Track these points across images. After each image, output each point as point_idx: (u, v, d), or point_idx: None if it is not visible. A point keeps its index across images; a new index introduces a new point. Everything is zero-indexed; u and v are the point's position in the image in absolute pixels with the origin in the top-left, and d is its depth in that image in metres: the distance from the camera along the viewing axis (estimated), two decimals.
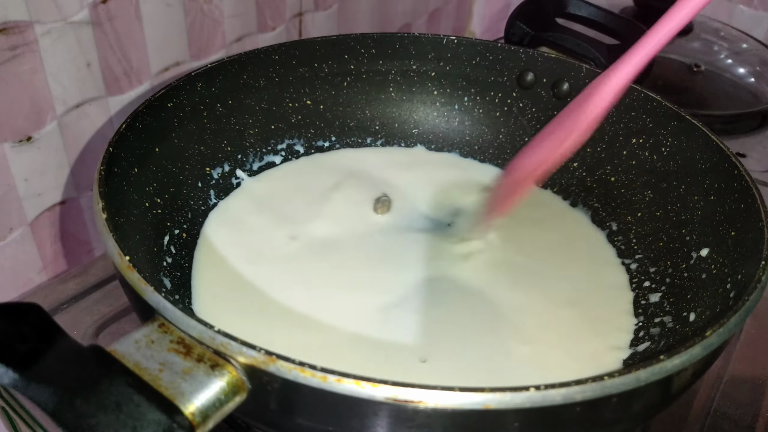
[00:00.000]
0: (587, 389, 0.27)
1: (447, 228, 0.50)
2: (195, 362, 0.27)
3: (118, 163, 0.40)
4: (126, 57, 0.52)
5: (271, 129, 0.54)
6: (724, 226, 0.43)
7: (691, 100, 0.76)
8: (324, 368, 0.26)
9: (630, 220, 0.50)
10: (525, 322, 0.43)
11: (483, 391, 0.26)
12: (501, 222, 0.50)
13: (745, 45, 0.82)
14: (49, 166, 0.51)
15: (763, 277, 0.35)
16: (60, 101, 0.49)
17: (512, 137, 0.57)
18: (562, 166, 0.54)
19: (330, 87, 0.56)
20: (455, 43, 0.56)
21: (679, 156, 0.48)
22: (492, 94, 0.57)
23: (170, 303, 0.29)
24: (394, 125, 0.58)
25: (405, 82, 0.57)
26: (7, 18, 0.44)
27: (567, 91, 0.54)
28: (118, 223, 0.38)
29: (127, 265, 0.31)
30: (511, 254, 0.48)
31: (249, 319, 0.42)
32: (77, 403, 0.24)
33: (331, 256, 0.47)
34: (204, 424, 0.26)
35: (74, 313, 0.48)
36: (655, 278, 0.46)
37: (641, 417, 0.35)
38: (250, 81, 0.52)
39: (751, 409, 0.44)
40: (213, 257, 0.46)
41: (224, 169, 0.51)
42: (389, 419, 0.27)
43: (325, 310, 0.42)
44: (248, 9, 0.61)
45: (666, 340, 0.41)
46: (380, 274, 0.46)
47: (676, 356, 0.29)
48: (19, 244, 0.51)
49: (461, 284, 0.45)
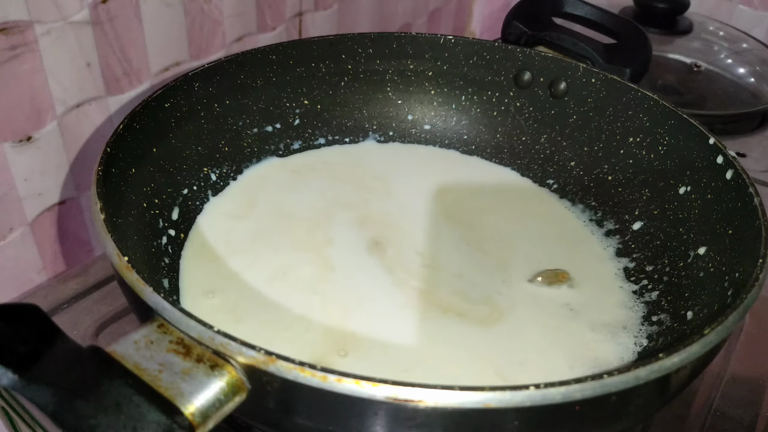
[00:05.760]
0: (587, 388, 0.27)
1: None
2: (194, 362, 0.27)
3: (116, 164, 0.40)
4: (126, 57, 0.52)
5: (268, 129, 0.54)
6: (721, 224, 0.43)
7: (691, 100, 0.76)
8: (324, 368, 0.26)
9: (627, 219, 0.50)
10: (521, 322, 0.43)
11: (483, 390, 0.26)
12: (498, 221, 0.50)
13: (745, 45, 0.82)
14: (49, 166, 0.51)
15: (760, 275, 0.35)
16: (60, 101, 0.49)
17: (509, 136, 0.57)
18: (559, 164, 0.55)
19: (327, 87, 0.56)
20: (452, 43, 0.56)
21: (676, 154, 0.48)
22: (489, 93, 0.57)
23: (169, 303, 0.29)
24: (392, 125, 0.58)
25: (402, 81, 0.58)
26: (7, 18, 0.44)
27: (564, 90, 0.54)
28: (117, 223, 0.38)
29: (126, 266, 0.31)
30: (506, 252, 0.48)
31: (235, 317, 0.42)
32: (77, 404, 0.24)
33: (326, 255, 0.47)
34: (204, 424, 0.26)
35: (74, 313, 0.48)
36: (652, 276, 0.46)
37: (640, 415, 0.35)
38: (248, 81, 0.52)
39: (751, 408, 0.44)
40: (200, 255, 0.46)
41: (222, 169, 0.51)
42: (389, 418, 0.27)
43: (325, 308, 0.43)
44: (248, 9, 0.61)
45: (664, 339, 0.41)
46: (378, 272, 0.46)
47: (674, 354, 0.29)
48: (19, 244, 0.51)
49: (462, 284, 0.45)
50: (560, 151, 0.55)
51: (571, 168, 0.54)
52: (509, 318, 0.43)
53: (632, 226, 0.49)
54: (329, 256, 0.47)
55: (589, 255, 0.49)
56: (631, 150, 0.51)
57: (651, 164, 0.50)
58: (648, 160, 0.50)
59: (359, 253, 0.47)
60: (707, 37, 0.83)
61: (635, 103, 0.51)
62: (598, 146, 0.53)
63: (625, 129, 0.51)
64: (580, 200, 0.53)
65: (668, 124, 0.49)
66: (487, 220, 0.51)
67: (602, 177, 0.53)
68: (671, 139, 0.48)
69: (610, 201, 0.52)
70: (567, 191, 0.54)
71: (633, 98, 0.51)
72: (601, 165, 0.53)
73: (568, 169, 0.54)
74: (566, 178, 0.54)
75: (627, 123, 0.51)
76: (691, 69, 0.79)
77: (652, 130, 0.50)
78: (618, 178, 0.52)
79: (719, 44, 0.82)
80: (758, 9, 0.91)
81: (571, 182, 0.54)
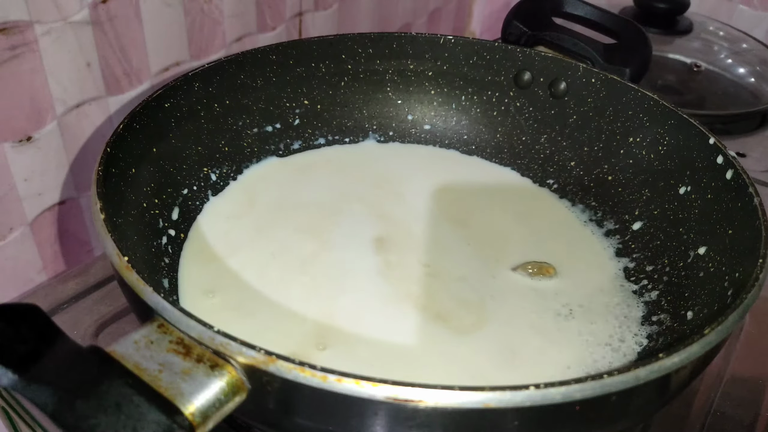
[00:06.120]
0: (586, 388, 0.27)
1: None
2: (194, 362, 0.27)
3: (116, 164, 0.40)
4: (126, 57, 0.52)
5: (268, 129, 0.54)
6: (721, 224, 0.43)
7: (691, 100, 0.76)
8: (324, 368, 0.26)
9: (627, 219, 0.50)
10: (521, 322, 0.43)
11: (483, 390, 0.26)
12: (497, 220, 0.50)
13: (745, 45, 0.82)
14: (49, 166, 0.51)
15: (760, 275, 0.35)
16: (60, 101, 0.49)
17: (509, 136, 0.57)
18: (559, 164, 0.55)
19: (327, 87, 0.56)
20: (452, 43, 0.56)
21: (676, 154, 0.48)
22: (489, 93, 0.57)
23: (169, 303, 0.29)
24: (392, 125, 0.58)
25: (402, 81, 0.58)
26: (7, 18, 0.44)
27: (564, 90, 0.54)
28: (117, 223, 0.38)
29: (126, 266, 0.31)
30: (505, 252, 0.48)
31: (235, 316, 0.42)
32: (77, 404, 0.24)
33: (326, 254, 0.47)
34: (204, 424, 0.26)
35: (74, 313, 0.48)
36: (652, 276, 0.46)
37: (640, 415, 0.35)
38: (248, 81, 0.52)
39: (751, 408, 0.44)
40: (200, 255, 0.46)
41: (222, 169, 0.51)
42: (389, 418, 0.27)
43: (323, 307, 0.43)
44: (248, 9, 0.61)
45: (664, 339, 0.41)
46: (380, 268, 0.46)
47: (674, 354, 0.29)
48: (19, 244, 0.51)
49: (461, 284, 0.45)
50: (560, 151, 0.55)
51: (571, 168, 0.54)
52: (506, 318, 0.43)
53: (632, 226, 0.49)
54: (329, 255, 0.47)
55: (589, 255, 0.49)
56: (631, 150, 0.51)
57: (651, 164, 0.50)
58: (648, 160, 0.50)
59: (358, 252, 0.47)
60: (707, 37, 0.83)
61: (635, 103, 0.51)
62: (598, 146, 0.53)
63: (625, 129, 0.51)
64: (580, 200, 0.53)
65: (668, 124, 0.49)
66: (487, 219, 0.51)
67: (602, 177, 0.53)
68: (671, 139, 0.48)
69: (610, 201, 0.52)
70: (567, 191, 0.54)
71: (633, 98, 0.51)
72: (601, 165, 0.53)
73: (568, 169, 0.54)
74: (566, 178, 0.54)
75: (627, 123, 0.51)
76: (691, 69, 0.79)
77: (652, 130, 0.50)
78: (618, 178, 0.52)
79: (719, 44, 0.83)
80: (758, 9, 0.91)
81: (571, 182, 0.54)
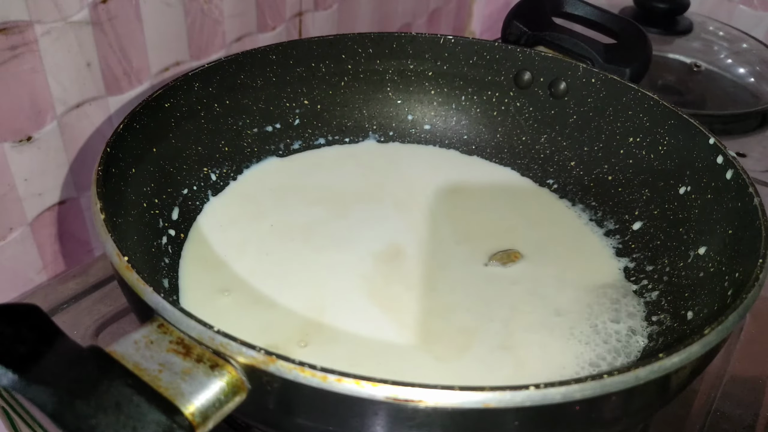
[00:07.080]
0: (586, 388, 0.27)
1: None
2: (194, 362, 0.27)
3: (116, 164, 0.40)
4: (126, 57, 0.52)
5: (268, 129, 0.54)
6: (721, 224, 0.43)
7: (691, 100, 0.76)
8: (324, 368, 0.26)
9: (627, 219, 0.50)
10: (521, 322, 0.43)
11: (483, 390, 0.26)
12: (497, 220, 0.50)
13: (745, 45, 0.82)
14: (49, 166, 0.51)
15: (761, 275, 0.35)
16: (60, 101, 0.49)
17: (509, 136, 0.57)
18: (559, 164, 0.55)
19: (327, 87, 0.56)
20: (452, 43, 0.56)
21: (676, 154, 0.48)
22: (489, 93, 0.57)
23: (169, 303, 0.29)
24: (392, 125, 0.58)
25: (402, 81, 0.58)
26: (7, 18, 0.44)
27: (564, 90, 0.54)
28: (117, 223, 0.38)
29: (126, 266, 0.31)
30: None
31: (236, 316, 0.42)
32: (77, 404, 0.24)
33: (325, 254, 0.47)
34: (204, 424, 0.26)
35: (74, 313, 0.48)
36: (652, 276, 0.46)
37: (640, 415, 0.35)
38: (248, 81, 0.52)
39: (751, 408, 0.44)
40: (200, 255, 0.46)
41: (222, 169, 0.51)
42: (389, 418, 0.27)
43: (322, 306, 0.43)
44: (248, 9, 0.61)
45: (664, 339, 0.41)
46: (377, 269, 0.46)
47: (674, 355, 0.29)
48: (19, 244, 0.51)
49: (460, 285, 0.45)
50: (560, 151, 0.55)
51: (571, 168, 0.54)
52: (504, 318, 0.43)
53: (632, 226, 0.49)
54: (328, 255, 0.47)
55: (589, 255, 0.49)
56: (631, 150, 0.51)
57: (651, 164, 0.50)
58: (648, 160, 0.50)
59: (357, 253, 0.47)
60: (707, 37, 0.83)
61: (635, 103, 0.51)
62: (598, 146, 0.53)
63: (625, 129, 0.51)
64: (580, 200, 0.53)
65: (668, 124, 0.49)
66: (487, 219, 0.51)
67: (602, 177, 0.53)
68: (671, 139, 0.48)
69: (610, 201, 0.52)
70: (567, 191, 0.54)
71: (633, 98, 0.51)
72: (601, 165, 0.53)
73: (568, 169, 0.54)
74: (566, 178, 0.54)
75: (627, 123, 0.51)
76: (691, 69, 0.79)
77: (652, 130, 0.50)
78: (618, 178, 0.52)
79: (719, 44, 0.83)
80: (758, 9, 0.91)
81: (571, 182, 0.54)
